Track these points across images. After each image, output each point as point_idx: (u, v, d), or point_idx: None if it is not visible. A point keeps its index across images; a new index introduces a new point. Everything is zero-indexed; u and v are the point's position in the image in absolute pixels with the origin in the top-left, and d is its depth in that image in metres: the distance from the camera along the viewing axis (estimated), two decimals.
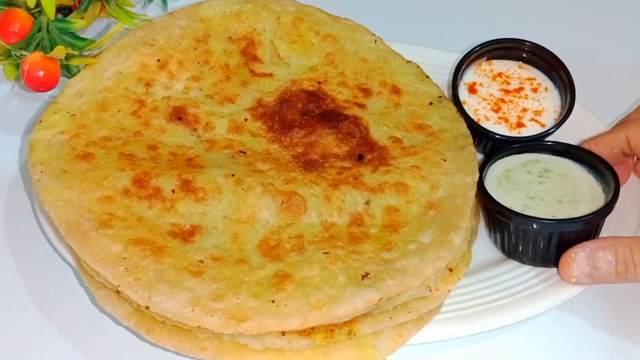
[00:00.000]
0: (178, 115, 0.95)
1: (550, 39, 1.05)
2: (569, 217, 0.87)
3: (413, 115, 0.98)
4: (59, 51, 0.97)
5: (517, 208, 0.88)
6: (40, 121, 0.91)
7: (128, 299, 0.78)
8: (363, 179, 0.90)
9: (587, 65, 1.05)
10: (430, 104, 0.99)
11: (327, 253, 0.81)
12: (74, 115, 0.93)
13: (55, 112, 0.92)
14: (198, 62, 1.01)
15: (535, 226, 0.87)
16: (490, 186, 0.91)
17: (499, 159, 0.94)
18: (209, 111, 0.96)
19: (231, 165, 0.90)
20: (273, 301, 0.76)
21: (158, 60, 0.99)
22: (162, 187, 0.86)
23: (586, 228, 0.87)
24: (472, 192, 0.88)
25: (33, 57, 0.99)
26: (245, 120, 0.96)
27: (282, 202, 0.86)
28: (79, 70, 0.98)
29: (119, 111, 0.94)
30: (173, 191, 0.86)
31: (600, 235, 0.91)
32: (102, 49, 1.00)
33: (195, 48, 1.01)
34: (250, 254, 0.82)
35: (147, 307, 0.76)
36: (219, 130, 0.94)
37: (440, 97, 1.00)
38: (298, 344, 0.78)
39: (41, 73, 0.99)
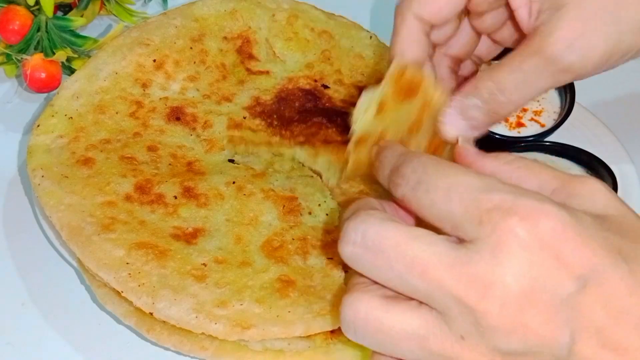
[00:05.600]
0: (176, 115, 0.95)
1: None
2: None
3: None
4: (61, 56, 0.97)
5: None
6: (38, 125, 0.91)
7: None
8: None
9: None
10: None
11: (332, 259, 0.81)
12: (71, 118, 0.92)
13: (53, 116, 0.91)
14: (194, 62, 1.00)
15: None
16: None
17: None
18: (207, 110, 0.96)
19: (231, 170, 0.90)
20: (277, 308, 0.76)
21: (154, 61, 0.98)
22: (164, 194, 0.86)
23: None
24: None
25: (34, 60, 0.99)
26: (244, 118, 0.96)
27: (284, 205, 0.86)
28: None
29: (117, 113, 0.94)
30: (175, 197, 0.85)
31: None
32: None
33: (191, 48, 1.01)
34: (253, 255, 0.82)
35: (152, 314, 0.76)
36: (218, 128, 0.94)
37: None
38: (298, 345, 0.78)
39: (43, 75, 0.99)
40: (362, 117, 0.78)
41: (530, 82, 0.74)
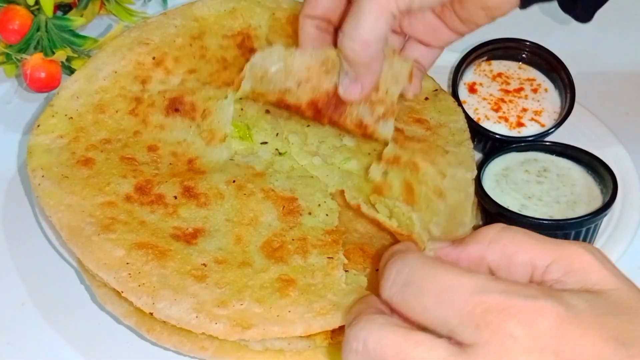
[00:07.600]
0: (175, 107, 0.94)
1: (550, 39, 1.05)
2: (566, 218, 0.87)
3: (410, 110, 0.97)
4: (61, 56, 0.97)
5: (514, 208, 0.88)
6: (38, 125, 0.90)
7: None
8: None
9: (587, 65, 1.05)
10: (426, 99, 0.99)
11: (331, 258, 0.81)
12: (71, 118, 0.92)
13: (53, 116, 0.91)
14: (194, 57, 1.00)
15: (532, 227, 0.87)
16: (488, 185, 0.91)
17: (498, 156, 0.94)
18: (206, 96, 0.95)
19: (231, 169, 0.89)
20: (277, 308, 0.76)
21: (153, 58, 0.98)
22: (164, 194, 0.85)
23: (583, 229, 0.87)
24: (472, 188, 0.88)
25: (34, 60, 0.99)
26: (242, 109, 0.96)
27: (284, 206, 0.86)
28: None
29: (117, 111, 0.93)
30: (175, 197, 0.85)
31: (599, 237, 0.91)
32: None
33: (191, 45, 1.00)
34: (253, 256, 0.81)
35: (152, 314, 0.76)
36: (217, 117, 0.93)
37: (436, 90, 0.99)
38: (298, 345, 0.78)
39: (43, 74, 0.99)
40: None
41: (363, 20, 0.75)
